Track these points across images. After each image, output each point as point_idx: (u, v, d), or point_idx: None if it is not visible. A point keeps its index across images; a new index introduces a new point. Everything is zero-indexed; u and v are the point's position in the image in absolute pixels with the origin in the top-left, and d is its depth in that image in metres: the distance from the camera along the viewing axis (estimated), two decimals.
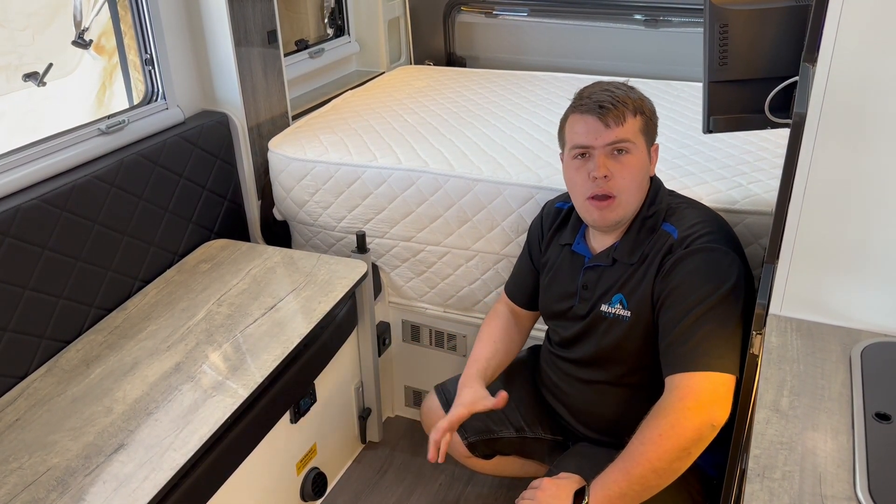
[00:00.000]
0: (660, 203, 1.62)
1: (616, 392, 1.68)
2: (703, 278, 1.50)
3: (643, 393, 1.63)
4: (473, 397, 1.71)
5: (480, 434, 1.89)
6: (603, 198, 1.56)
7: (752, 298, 1.56)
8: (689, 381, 1.45)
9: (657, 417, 1.44)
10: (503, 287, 1.96)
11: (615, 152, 1.55)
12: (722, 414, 1.42)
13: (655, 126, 1.63)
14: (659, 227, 1.59)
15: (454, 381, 1.97)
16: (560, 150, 1.69)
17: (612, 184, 1.55)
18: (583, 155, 1.58)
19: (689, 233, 1.55)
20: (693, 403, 1.42)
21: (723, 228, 1.62)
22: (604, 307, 1.63)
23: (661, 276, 1.54)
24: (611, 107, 1.53)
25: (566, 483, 1.52)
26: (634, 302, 1.58)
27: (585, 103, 1.57)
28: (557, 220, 1.79)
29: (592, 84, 1.62)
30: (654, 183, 1.66)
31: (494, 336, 1.86)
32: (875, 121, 1.20)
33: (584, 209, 1.61)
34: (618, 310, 1.61)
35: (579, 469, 1.57)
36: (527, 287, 1.87)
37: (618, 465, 1.45)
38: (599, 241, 1.67)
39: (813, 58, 1.22)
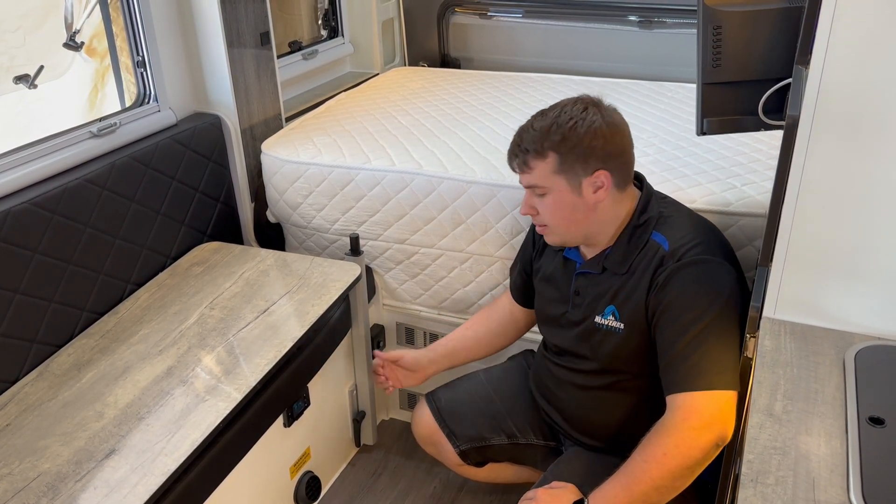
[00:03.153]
0: (651, 211, 1.59)
1: (613, 398, 1.67)
2: (698, 293, 1.48)
3: (641, 398, 1.62)
4: (410, 357, 1.94)
5: (472, 442, 1.88)
6: (540, 225, 1.63)
7: (747, 306, 1.55)
8: (692, 400, 1.43)
9: (661, 436, 1.43)
10: (497, 288, 1.96)
11: (535, 192, 1.59)
12: (726, 432, 1.42)
13: (583, 156, 1.50)
14: (649, 237, 1.57)
15: (445, 388, 1.98)
16: None
17: (538, 219, 1.62)
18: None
19: (681, 244, 1.52)
20: (698, 423, 1.41)
21: (714, 237, 1.60)
22: (598, 318, 1.61)
23: (654, 290, 1.52)
24: (515, 155, 1.58)
25: (562, 493, 1.51)
26: (626, 314, 1.57)
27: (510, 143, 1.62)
28: None
29: (529, 120, 1.59)
30: (645, 190, 1.63)
31: (472, 322, 1.98)
32: (868, 123, 1.20)
33: None
34: (610, 321, 1.60)
35: (574, 476, 1.57)
36: (521, 286, 1.90)
37: (619, 481, 1.44)
38: (591, 248, 1.66)
39: (806, 60, 1.22)
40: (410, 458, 2.34)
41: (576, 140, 1.50)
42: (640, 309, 1.54)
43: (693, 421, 1.41)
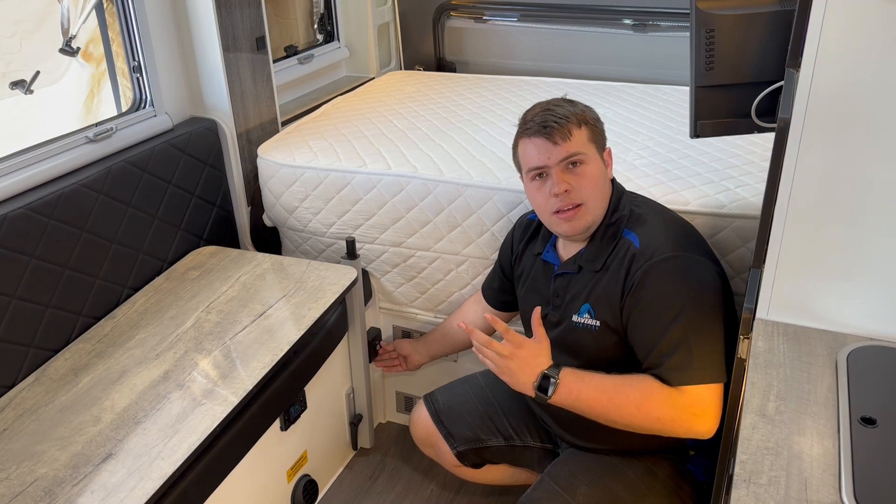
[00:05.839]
0: (622, 209, 1.63)
1: None
2: (674, 289, 1.50)
3: None
4: (407, 345, 2.21)
5: (469, 443, 1.89)
6: (570, 208, 1.58)
7: (729, 296, 1.57)
8: (696, 391, 1.46)
9: (664, 404, 1.46)
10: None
11: (570, 166, 1.58)
12: (712, 426, 1.45)
13: (602, 133, 1.65)
14: (620, 235, 1.60)
15: (443, 389, 1.99)
16: (518, 173, 1.72)
17: (574, 195, 1.57)
18: (540, 175, 1.61)
19: (651, 241, 1.55)
20: (699, 411, 1.45)
21: (686, 232, 1.63)
22: (574, 317, 1.64)
23: (630, 290, 1.53)
24: (555, 125, 1.56)
25: (542, 360, 1.54)
26: (600, 311, 1.59)
27: (530, 126, 1.60)
28: (529, 232, 1.83)
29: (534, 107, 1.65)
30: (616, 189, 1.67)
31: (449, 320, 2.15)
32: (859, 125, 1.21)
33: (553, 224, 1.64)
34: (586, 319, 1.62)
35: (570, 476, 1.57)
36: (493, 290, 2.00)
37: (603, 383, 1.50)
38: (568, 250, 1.70)
39: (797, 63, 1.23)
40: (407, 460, 2.35)
41: (595, 118, 1.65)
42: (614, 308, 1.56)
43: (696, 408, 1.45)
